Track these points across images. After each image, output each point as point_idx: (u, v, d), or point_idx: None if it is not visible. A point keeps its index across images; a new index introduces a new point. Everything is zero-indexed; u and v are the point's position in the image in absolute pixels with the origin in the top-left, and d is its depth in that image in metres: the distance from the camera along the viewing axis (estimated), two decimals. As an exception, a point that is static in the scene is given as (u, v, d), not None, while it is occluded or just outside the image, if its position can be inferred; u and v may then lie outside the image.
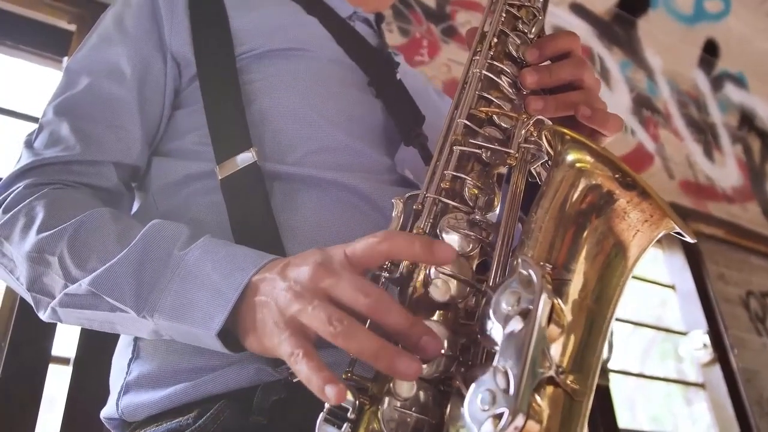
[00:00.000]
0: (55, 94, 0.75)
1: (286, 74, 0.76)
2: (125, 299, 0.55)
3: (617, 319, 1.99)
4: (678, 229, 0.52)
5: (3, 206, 0.66)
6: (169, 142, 0.77)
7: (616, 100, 2.37)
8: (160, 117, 0.77)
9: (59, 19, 1.24)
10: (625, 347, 2.40)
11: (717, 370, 2.03)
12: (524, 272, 0.45)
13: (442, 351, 0.49)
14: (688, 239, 0.54)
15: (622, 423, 2.25)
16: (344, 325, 0.44)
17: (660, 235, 0.53)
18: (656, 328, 2.30)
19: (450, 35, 1.91)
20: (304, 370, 0.44)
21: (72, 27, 1.24)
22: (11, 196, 0.66)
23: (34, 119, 1.14)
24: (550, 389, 0.45)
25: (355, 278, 0.47)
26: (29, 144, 0.72)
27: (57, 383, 1.00)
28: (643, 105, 2.46)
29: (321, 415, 0.47)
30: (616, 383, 2.32)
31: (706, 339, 2.04)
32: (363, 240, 0.49)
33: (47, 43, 1.22)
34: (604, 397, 1.63)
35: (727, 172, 2.60)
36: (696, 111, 2.70)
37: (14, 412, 0.95)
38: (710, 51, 2.86)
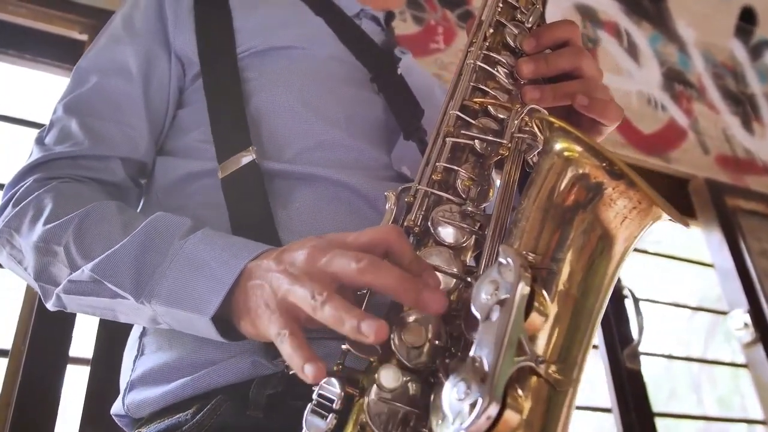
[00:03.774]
0: (66, 93, 0.79)
1: (282, 72, 0.77)
2: (125, 285, 0.57)
3: (672, 304, 1.95)
4: (669, 217, 0.51)
5: (13, 200, 0.69)
6: (173, 141, 0.80)
7: (645, 75, 2.30)
8: (165, 114, 0.80)
9: (71, 30, 1.29)
10: (687, 331, 2.36)
11: (760, 350, 1.98)
12: (503, 261, 0.45)
13: (436, 341, 0.49)
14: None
15: (686, 408, 2.20)
16: (323, 296, 0.45)
17: (652, 223, 0.52)
18: (694, 308, 2.25)
19: (466, 20, 1.88)
20: (286, 349, 0.46)
21: (84, 37, 1.29)
22: (21, 189, 0.69)
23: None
24: (533, 380, 0.45)
25: (347, 251, 0.48)
26: (40, 140, 0.75)
27: (75, 383, 1.04)
28: (675, 79, 2.38)
29: (308, 407, 0.48)
30: (677, 368, 2.28)
31: (747, 318, 1.98)
32: (367, 232, 0.50)
33: (60, 54, 1.27)
34: (636, 381, 1.60)
35: (767, 143, 2.50)
36: (733, 82, 2.59)
37: (35, 413, 0.99)
38: (747, 19, 2.75)
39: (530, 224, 0.51)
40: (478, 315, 0.44)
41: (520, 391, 0.44)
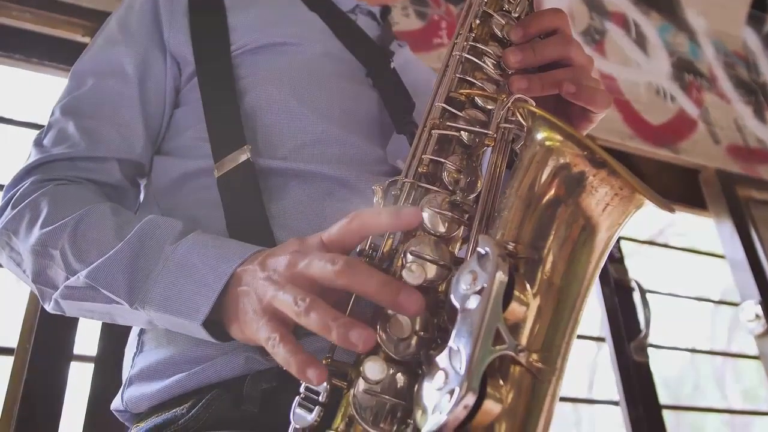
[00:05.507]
0: (63, 95, 0.80)
1: (275, 69, 0.78)
2: (119, 292, 0.59)
3: (694, 297, 1.92)
4: (652, 203, 0.51)
5: (12, 202, 0.70)
6: (170, 141, 0.80)
7: (654, 66, 2.27)
8: (161, 114, 0.80)
9: (74, 34, 1.31)
10: (711, 324, 2.33)
11: (772, 342, 1.95)
12: (482, 251, 0.45)
13: (422, 333, 0.50)
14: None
15: (710, 402, 2.16)
16: (306, 302, 0.46)
17: (636, 210, 0.52)
18: (706, 300, 2.22)
19: (469, 14, 1.87)
20: (281, 353, 0.46)
21: (86, 40, 1.30)
22: (19, 192, 0.70)
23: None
24: (515, 370, 0.45)
25: (325, 253, 0.49)
26: (38, 142, 0.76)
27: (79, 380, 1.06)
28: (685, 69, 2.35)
29: (296, 400, 0.49)
30: (700, 362, 2.24)
31: (759, 309, 1.96)
32: (336, 223, 0.51)
33: (64, 57, 1.28)
34: (643, 374, 1.59)
35: (780, 132, 2.46)
36: (745, 71, 2.55)
37: (40, 410, 1.01)
38: (760, 6, 2.70)
39: (513, 214, 0.51)
40: (457, 305, 0.45)
41: (501, 381, 0.44)
